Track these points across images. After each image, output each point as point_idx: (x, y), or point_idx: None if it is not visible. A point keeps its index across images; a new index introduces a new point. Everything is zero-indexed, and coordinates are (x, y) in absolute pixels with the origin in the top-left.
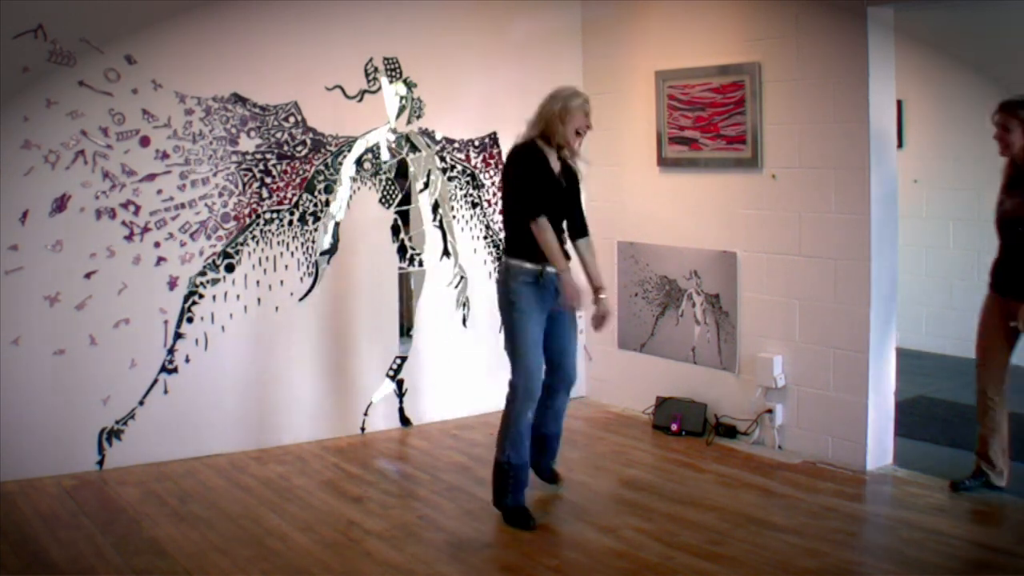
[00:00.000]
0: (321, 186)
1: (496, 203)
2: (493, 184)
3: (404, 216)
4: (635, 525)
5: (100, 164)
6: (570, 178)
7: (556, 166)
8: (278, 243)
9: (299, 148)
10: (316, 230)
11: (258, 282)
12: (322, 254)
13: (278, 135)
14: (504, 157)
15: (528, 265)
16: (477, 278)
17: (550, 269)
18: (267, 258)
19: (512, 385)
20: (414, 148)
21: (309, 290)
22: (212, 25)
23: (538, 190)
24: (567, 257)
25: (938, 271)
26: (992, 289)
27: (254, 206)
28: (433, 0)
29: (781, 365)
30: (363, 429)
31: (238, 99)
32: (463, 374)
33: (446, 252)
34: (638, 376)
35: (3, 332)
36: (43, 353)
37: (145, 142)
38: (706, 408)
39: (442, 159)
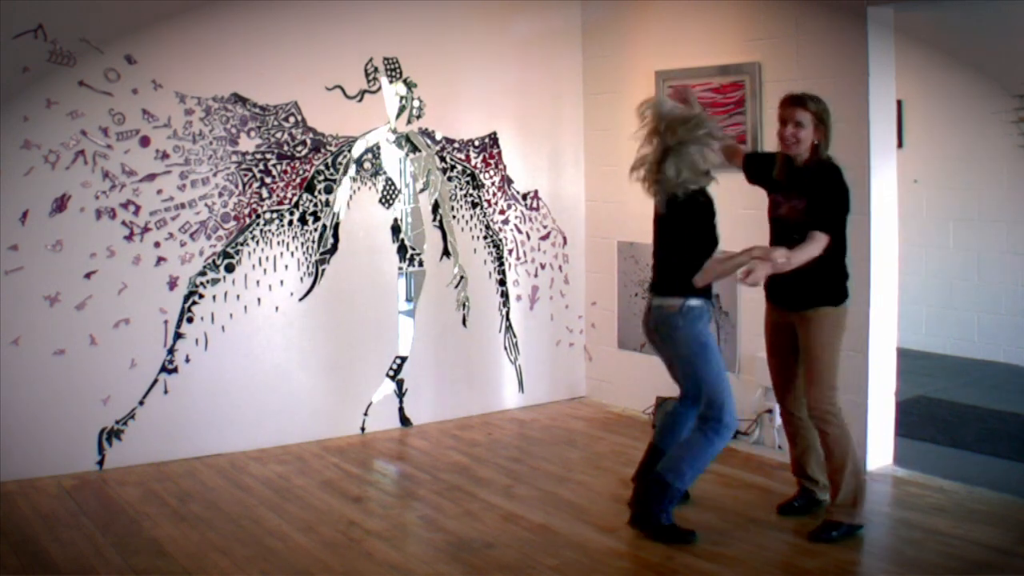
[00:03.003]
0: (321, 186)
1: (496, 203)
2: (493, 184)
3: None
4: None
5: (100, 164)
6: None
7: None
8: (278, 243)
9: (299, 148)
10: (316, 230)
11: (258, 282)
12: (322, 254)
13: (278, 135)
14: (501, 157)
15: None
16: (477, 278)
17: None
18: (267, 258)
19: (721, 421)
20: (414, 148)
21: (309, 290)
22: (212, 25)
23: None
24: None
25: (938, 271)
26: (769, 301)
27: (254, 206)
28: (433, 0)
29: None
30: (363, 429)
31: (238, 99)
32: (463, 374)
33: (446, 252)
34: (638, 376)
35: (3, 332)
36: (43, 353)
37: (145, 142)
38: None
39: (442, 159)
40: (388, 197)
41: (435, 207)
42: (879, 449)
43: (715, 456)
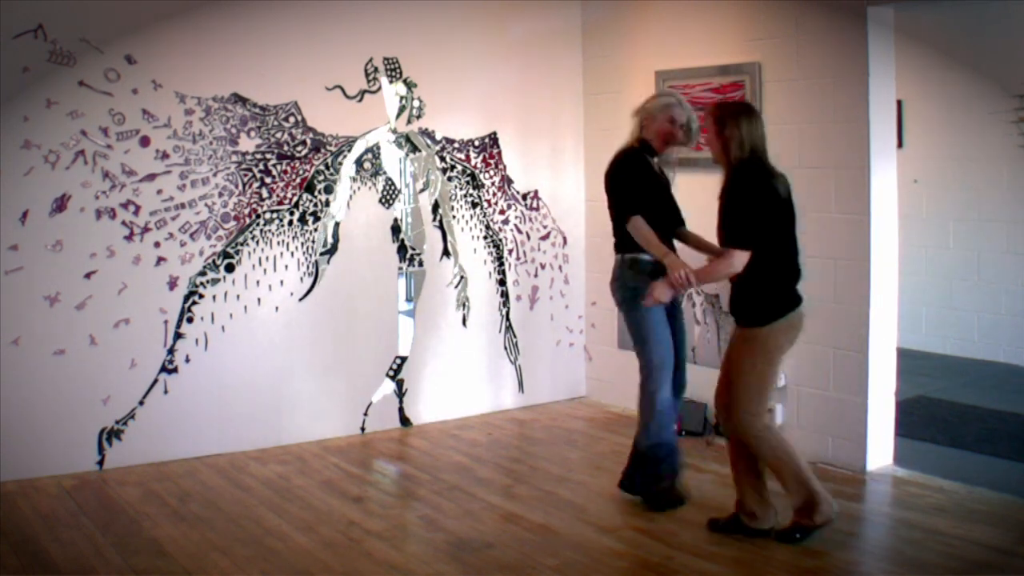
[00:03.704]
0: (321, 186)
1: (496, 203)
2: (493, 184)
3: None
4: (635, 525)
5: (100, 164)
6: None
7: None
8: (278, 243)
9: (299, 148)
10: (316, 230)
11: (258, 282)
12: (322, 254)
13: (278, 135)
14: (498, 156)
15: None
16: (477, 278)
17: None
18: (267, 258)
19: (642, 366)
20: (414, 148)
21: (309, 290)
22: (212, 25)
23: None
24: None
25: (938, 271)
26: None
27: (254, 206)
28: (433, 0)
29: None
30: (363, 429)
31: (238, 99)
32: (463, 374)
33: (446, 252)
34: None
35: (3, 332)
36: (43, 353)
37: (145, 142)
38: (706, 408)
39: (442, 159)
40: (388, 197)
41: (435, 207)
42: (879, 449)
43: (657, 400)
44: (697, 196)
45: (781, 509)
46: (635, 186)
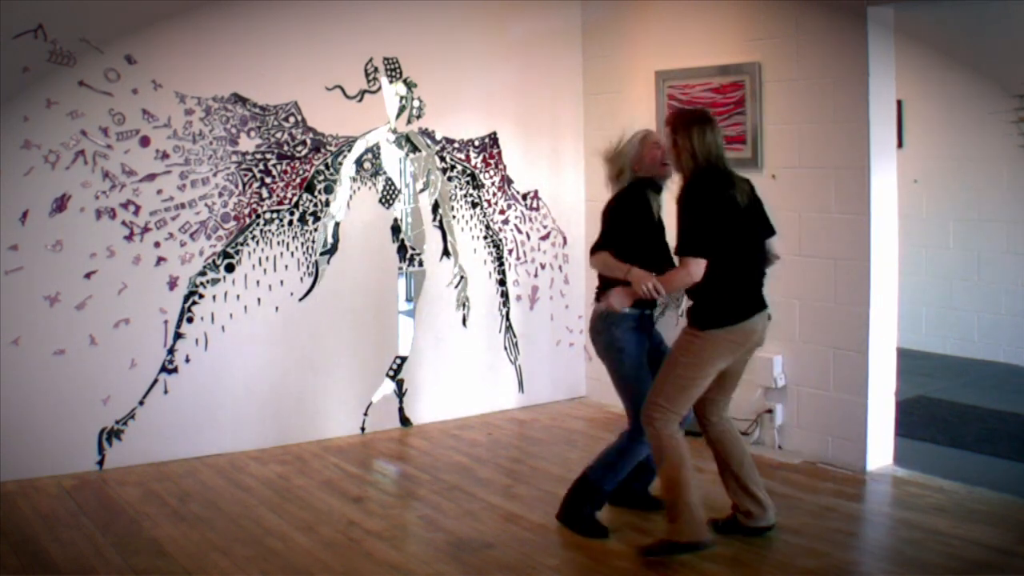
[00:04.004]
0: (321, 186)
1: (496, 203)
2: (493, 184)
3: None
4: (635, 525)
5: (100, 164)
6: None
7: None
8: (278, 243)
9: (299, 148)
10: (316, 230)
11: (258, 282)
12: (322, 254)
13: (278, 135)
14: (500, 156)
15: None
16: (477, 278)
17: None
18: (267, 258)
19: (633, 412)
20: (414, 148)
21: (309, 290)
22: (212, 25)
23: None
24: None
25: (938, 271)
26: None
27: (254, 206)
28: (433, 0)
29: (781, 365)
30: (363, 429)
31: (238, 99)
32: (463, 374)
33: (446, 252)
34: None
35: (3, 332)
36: (43, 353)
37: (145, 142)
38: None
39: (442, 159)
40: (388, 197)
41: (435, 207)
42: (879, 449)
43: (633, 460)
44: None
45: (782, 508)
46: (626, 226)
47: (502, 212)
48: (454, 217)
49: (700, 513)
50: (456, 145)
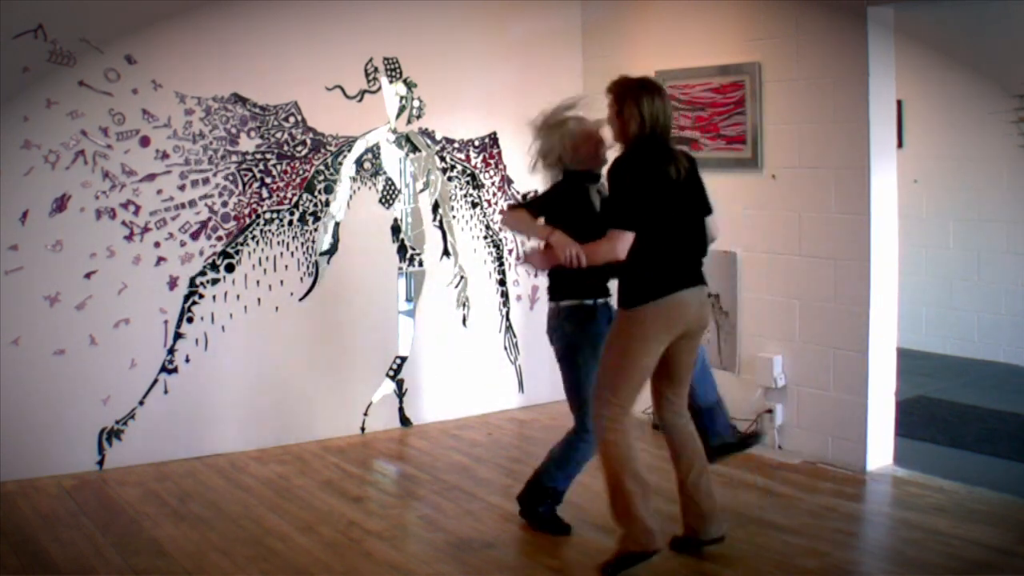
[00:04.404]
0: (321, 186)
1: (496, 203)
2: (493, 184)
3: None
4: None
5: (100, 164)
6: None
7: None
8: (278, 243)
9: (299, 148)
10: (316, 230)
11: (258, 282)
12: (322, 254)
13: (278, 135)
14: (501, 155)
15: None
16: (477, 278)
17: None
18: (267, 258)
19: (582, 413)
20: (414, 148)
21: (309, 290)
22: (212, 25)
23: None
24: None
25: (938, 271)
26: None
27: (254, 206)
28: (433, 0)
29: (781, 365)
30: (363, 429)
31: (238, 99)
32: (463, 374)
33: (446, 252)
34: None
35: (3, 332)
36: (43, 353)
37: (145, 142)
38: None
39: (442, 159)
40: (388, 197)
41: (435, 207)
42: (879, 449)
43: (583, 461)
44: None
45: (782, 508)
46: (565, 220)
47: (502, 212)
48: (454, 217)
49: (650, 520)
50: (456, 145)
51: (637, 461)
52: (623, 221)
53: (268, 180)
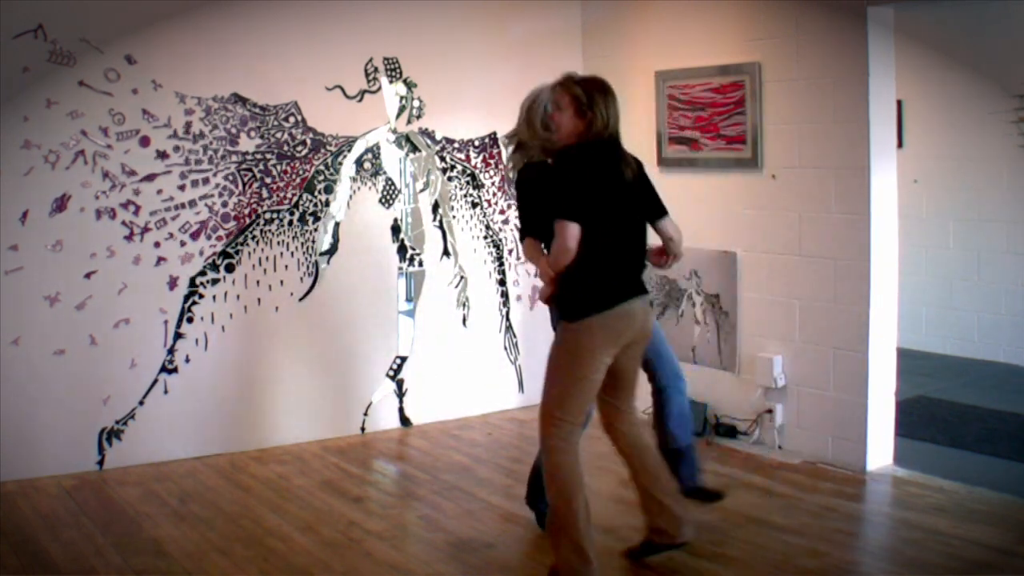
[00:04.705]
0: (321, 186)
1: (496, 203)
2: (493, 184)
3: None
4: (635, 525)
5: (100, 164)
6: None
7: None
8: (278, 243)
9: (299, 148)
10: (316, 230)
11: (258, 282)
12: (322, 254)
13: (278, 135)
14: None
15: None
16: (477, 278)
17: None
18: (267, 258)
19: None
20: (414, 148)
21: (309, 290)
22: (212, 25)
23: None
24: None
25: (938, 271)
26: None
27: (254, 206)
28: (433, 0)
29: (781, 365)
30: (363, 429)
31: (238, 99)
32: (463, 374)
33: (446, 252)
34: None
35: (3, 332)
36: (43, 353)
37: (145, 142)
38: (706, 408)
39: (442, 159)
40: (388, 197)
41: (435, 207)
42: (879, 449)
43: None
44: (700, 196)
45: (782, 508)
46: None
47: (502, 212)
48: (454, 217)
49: (587, 547)
50: (456, 145)
51: (583, 483)
52: (569, 212)
53: (268, 180)
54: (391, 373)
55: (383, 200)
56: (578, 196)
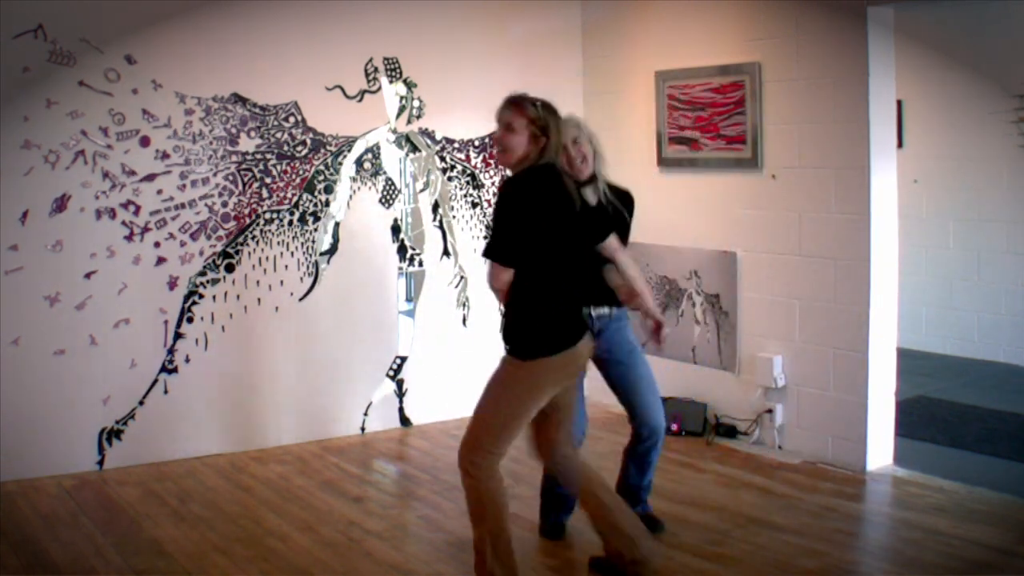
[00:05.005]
0: (321, 186)
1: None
2: (493, 184)
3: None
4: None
5: (100, 164)
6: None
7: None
8: (278, 243)
9: (299, 148)
10: (316, 230)
11: (258, 282)
12: (322, 254)
13: (278, 135)
14: None
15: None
16: (477, 278)
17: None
18: (267, 258)
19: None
20: (414, 148)
21: (309, 290)
22: (212, 25)
23: None
24: None
25: (938, 271)
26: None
27: (254, 206)
28: (433, 0)
29: (781, 365)
30: (363, 429)
31: (238, 99)
32: (463, 374)
33: (446, 252)
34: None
35: (3, 332)
36: (43, 353)
37: (145, 142)
38: (706, 408)
39: (442, 159)
40: (388, 197)
41: (435, 207)
42: (879, 449)
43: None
44: (699, 196)
45: (782, 508)
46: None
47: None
48: (454, 217)
49: (516, 567)
50: (456, 145)
51: (507, 511)
52: (491, 252)
53: (268, 180)
54: (391, 373)
55: (383, 200)
56: (521, 233)
